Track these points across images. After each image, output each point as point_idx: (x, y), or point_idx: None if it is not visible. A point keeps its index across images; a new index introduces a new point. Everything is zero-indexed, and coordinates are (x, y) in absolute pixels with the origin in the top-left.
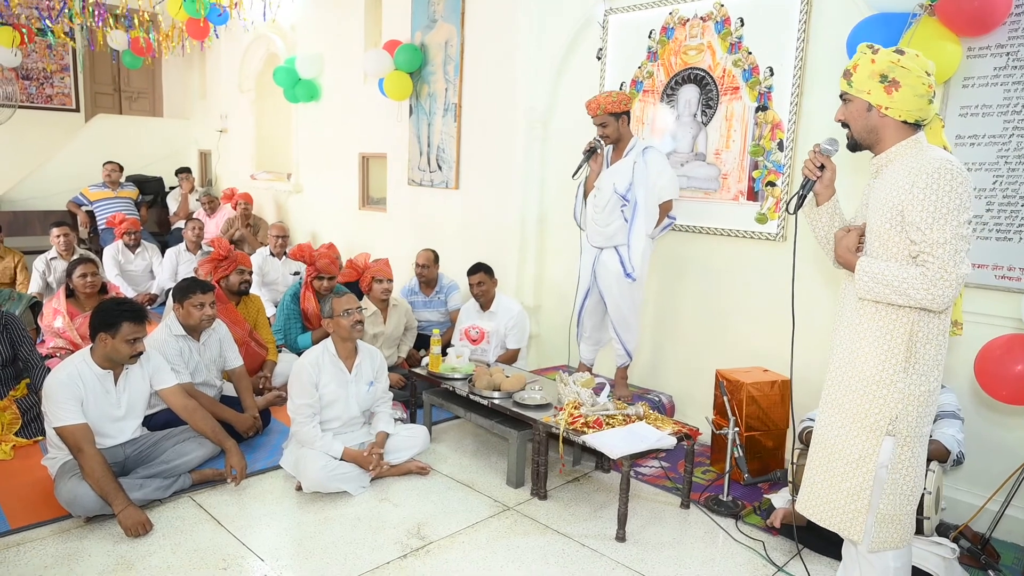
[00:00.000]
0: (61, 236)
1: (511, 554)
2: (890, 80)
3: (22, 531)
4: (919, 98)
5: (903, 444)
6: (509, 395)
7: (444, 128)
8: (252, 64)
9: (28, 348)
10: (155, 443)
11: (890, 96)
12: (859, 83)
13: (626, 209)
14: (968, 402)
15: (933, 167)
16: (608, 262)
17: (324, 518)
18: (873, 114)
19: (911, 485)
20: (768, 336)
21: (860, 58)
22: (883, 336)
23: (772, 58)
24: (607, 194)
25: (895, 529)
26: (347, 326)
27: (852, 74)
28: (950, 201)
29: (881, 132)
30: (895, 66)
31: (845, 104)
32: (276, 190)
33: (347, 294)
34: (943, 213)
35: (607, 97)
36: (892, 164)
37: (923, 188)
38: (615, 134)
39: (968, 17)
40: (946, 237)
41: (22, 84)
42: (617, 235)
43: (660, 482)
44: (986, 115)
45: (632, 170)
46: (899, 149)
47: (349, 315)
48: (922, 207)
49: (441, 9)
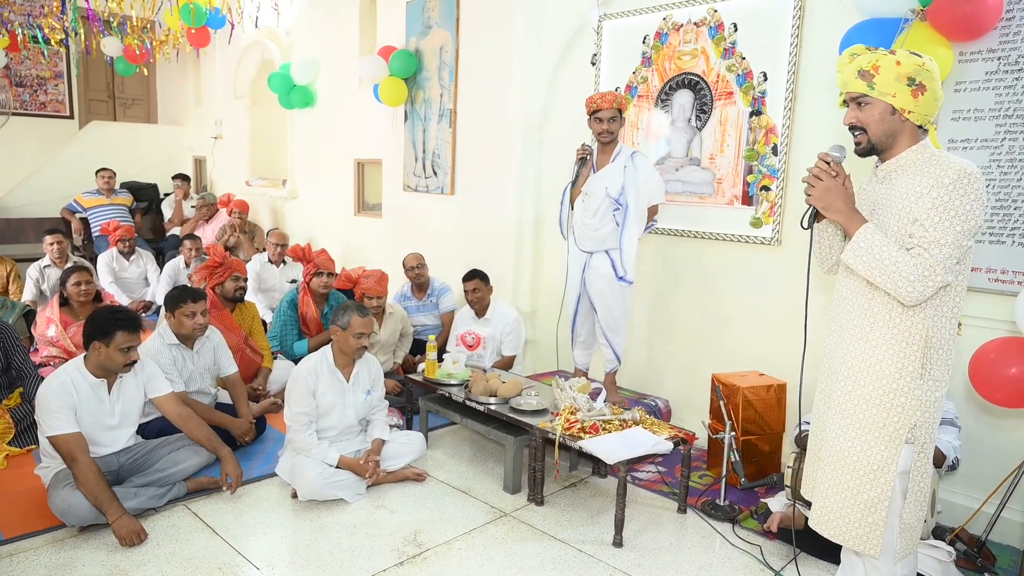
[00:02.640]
0: (55, 243)
1: (508, 560)
2: (917, 83)
3: (15, 541)
4: (936, 102)
5: (921, 451)
6: (505, 401)
7: (439, 134)
8: (247, 70)
9: (21, 357)
10: (150, 451)
11: (916, 100)
12: (883, 85)
13: (618, 213)
14: (963, 405)
15: (951, 174)
16: (599, 266)
17: (320, 526)
18: (896, 118)
19: (926, 492)
20: (764, 340)
21: (880, 60)
22: (899, 343)
23: (766, 63)
24: (598, 198)
25: (914, 536)
26: (354, 347)
27: (874, 76)
28: (962, 206)
29: (898, 136)
30: (921, 69)
31: (860, 107)
32: (271, 196)
33: (370, 316)
34: (951, 215)
35: (612, 94)
36: (904, 171)
37: (938, 193)
38: (618, 132)
39: (959, 22)
40: (947, 240)
41: (15, 91)
42: (608, 239)
43: (657, 487)
44: (978, 119)
45: (623, 173)
46: (910, 155)
47: (360, 338)
48: (933, 209)
49: (436, 15)
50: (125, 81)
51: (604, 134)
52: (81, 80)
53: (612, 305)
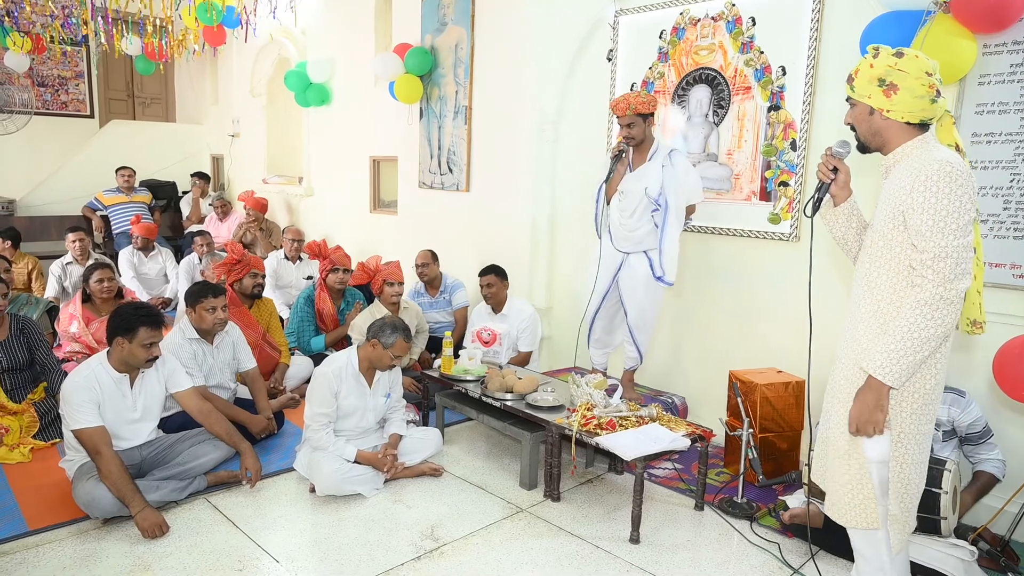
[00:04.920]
0: (77, 241)
1: (525, 556)
2: (888, 83)
3: (41, 532)
4: (919, 99)
5: (898, 440)
6: (522, 397)
7: (455, 131)
8: (263, 69)
9: (45, 352)
10: (171, 445)
11: (889, 99)
12: (860, 88)
13: (657, 214)
14: (986, 402)
15: (933, 169)
16: (636, 267)
17: (338, 519)
18: (876, 117)
19: (909, 484)
20: (782, 337)
21: (861, 63)
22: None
23: (784, 57)
24: (636, 198)
25: (903, 529)
26: (387, 365)
27: (854, 79)
28: (950, 204)
29: (886, 134)
30: (892, 69)
31: (851, 108)
32: (288, 193)
33: (411, 343)
34: (943, 216)
35: (636, 97)
36: (899, 164)
37: (923, 192)
38: (641, 136)
39: (983, 14)
40: (948, 249)
41: (38, 91)
42: (647, 239)
43: (674, 484)
44: (1003, 112)
45: (661, 173)
46: (906, 149)
47: (397, 359)
48: (923, 210)
49: (451, 12)
50: (144, 80)
51: (628, 139)
52: (101, 80)
53: (645, 304)
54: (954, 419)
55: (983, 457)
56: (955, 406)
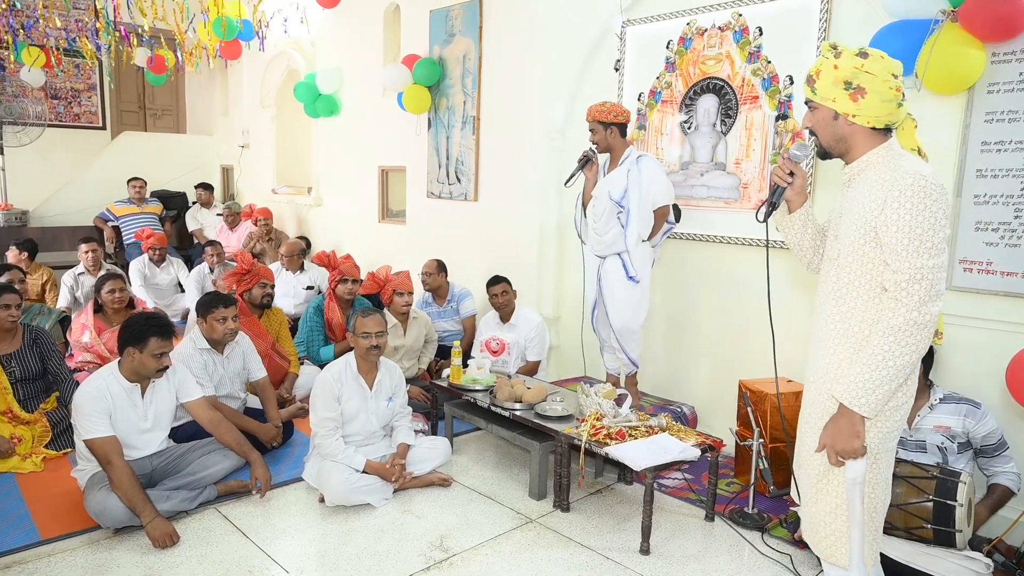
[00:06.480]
0: (89, 252)
1: (534, 566)
2: (855, 87)
3: (53, 542)
4: (887, 103)
5: (874, 461)
6: (531, 406)
7: (463, 141)
8: (273, 80)
9: (57, 362)
10: (181, 455)
11: (856, 104)
12: (823, 90)
13: (622, 215)
14: (1000, 412)
15: (907, 183)
16: (611, 269)
17: (348, 529)
18: (840, 122)
19: (877, 502)
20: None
21: (822, 63)
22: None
23: (792, 66)
24: (604, 202)
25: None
26: (363, 347)
27: (815, 80)
28: (924, 221)
29: (850, 140)
30: (859, 71)
31: (811, 111)
32: (297, 204)
33: (374, 316)
34: (918, 235)
35: (599, 106)
36: (864, 174)
37: (896, 208)
38: (603, 142)
39: (992, 22)
40: (924, 270)
41: (51, 103)
42: (616, 242)
43: (684, 494)
44: (1012, 120)
45: (626, 177)
46: (871, 157)
47: (366, 338)
48: (897, 228)
49: (459, 23)
50: (155, 92)
51: (592, 142)
52: (113, 92)
53: (623, 307)
54: (969, 431)
55: (998, 470)
56: (970, 417)
